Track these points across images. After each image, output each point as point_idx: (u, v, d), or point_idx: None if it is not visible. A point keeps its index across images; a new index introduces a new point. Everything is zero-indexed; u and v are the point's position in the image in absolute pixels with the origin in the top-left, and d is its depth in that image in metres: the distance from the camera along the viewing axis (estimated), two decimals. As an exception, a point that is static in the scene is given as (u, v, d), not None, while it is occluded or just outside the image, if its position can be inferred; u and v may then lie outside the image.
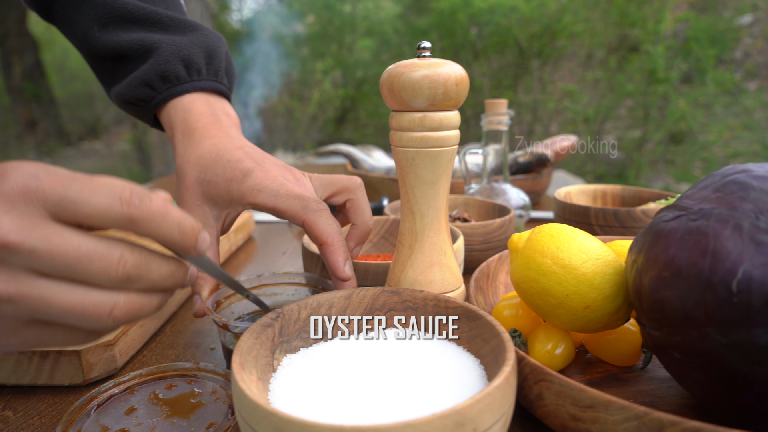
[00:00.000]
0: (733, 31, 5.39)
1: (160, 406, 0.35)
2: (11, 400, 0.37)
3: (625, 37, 5.09)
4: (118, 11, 0.46)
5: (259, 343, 0.32)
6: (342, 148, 1.04)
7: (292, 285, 0.45)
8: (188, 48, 0.47)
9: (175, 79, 0.46)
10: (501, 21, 4.93)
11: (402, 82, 0.34)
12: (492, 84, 5.41)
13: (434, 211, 0.38)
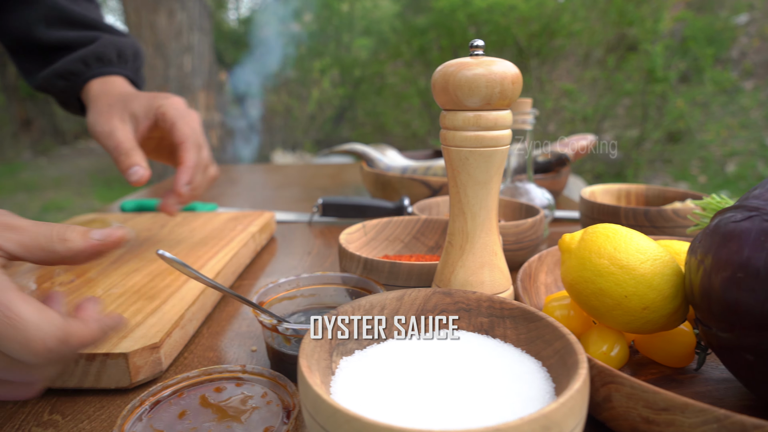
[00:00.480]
0: (729, 30, 5.42)
1: (212, 410, 0.35)
2: (57, 403, 0.36)
3: (623, 36, 5.10)
4: (66, 15, 0.61)
5: (319, 345, 0.32)
6: (357, 148, 1.04)
7: (332, 286, 0.45)
8: (121, 44, 0.62)
9: (108, 62, 0.60)
10: (500, 20, 4.93)
11: (458, 81, 0.34)
12: (491, 83, 5.41)
13: (486, 212, 0.37)
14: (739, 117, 4.95)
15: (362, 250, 0.53)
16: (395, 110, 6.45)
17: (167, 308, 0.43)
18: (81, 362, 0.36)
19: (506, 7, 4.80)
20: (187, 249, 0.59)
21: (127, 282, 0.49)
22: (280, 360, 0.40)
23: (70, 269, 0.53)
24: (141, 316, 0.42)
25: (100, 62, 0.60)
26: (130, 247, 0.60)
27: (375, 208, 0.80)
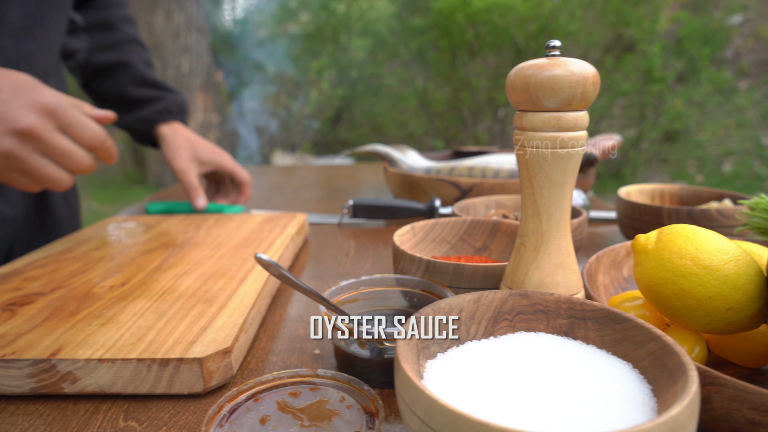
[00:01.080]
0: (724, 30, 5.46)
1: (293, 415, 0.34)
2: (129, 409, 0.36)
3: (620, 36, 5.13)
4: (146, 80, 0.88)
5: (409, 348, 0.31)
6: (379, 149, 1.03)
7: (392, 288, 0.45)
8: (180, 100, 0.90)
9: (172, 114, 0.88)
10: (498, 21, 4.94)
11: (540, 81, 0.34)
12: (489, 84, 5.43)
13: (561, 213, 0.37)
14: (735, 117, 4.99)
15: (412, 252, 0.53)
16: (392, 111, 6.45)
17: (229, 312, 0.42)
18: (154, 368, 0.36)
19: (504, 7, 4.82)
20: (231, 251, 0.58)
21: (179, 286, 0.48)
22: (351, 364, 0.39)
23: (119, 271, 0.52)
24: (205, 320, 0.41)
25: (168, 114, 0.87)
26: (173, 249, 0.59)
27: (406, 209, 0.80)
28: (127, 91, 0.87)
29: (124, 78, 0.87)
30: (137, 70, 0.87)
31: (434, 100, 5.85)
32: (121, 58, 0.87)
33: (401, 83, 6.33)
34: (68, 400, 0.37)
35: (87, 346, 0.37)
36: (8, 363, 0.36)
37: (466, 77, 5.57)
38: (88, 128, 0.52)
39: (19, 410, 0.36)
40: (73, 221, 0.87)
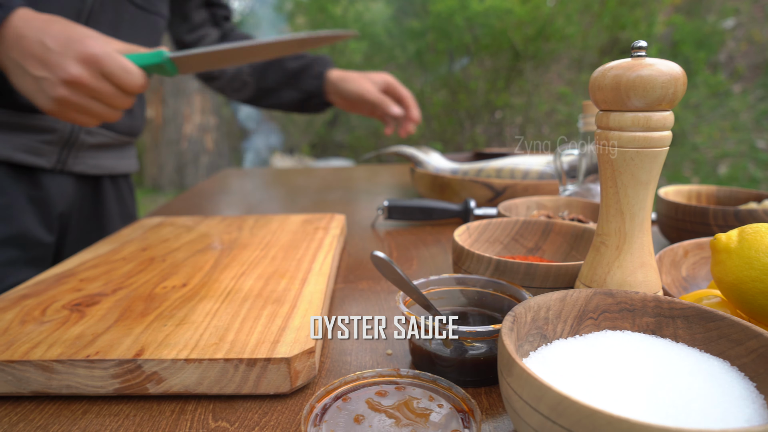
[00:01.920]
0: (717, 34, 5.53)
1: (386, 414, 0.34)
2: (216, 410, 0.36)
3: (616, 40, 5.17)
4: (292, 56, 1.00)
5: (513, 347, 0.31)
6: (405, 150, 1.04)
7: (460, 287, 0.45)
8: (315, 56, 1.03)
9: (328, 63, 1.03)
10: (495, 24, 4.97)
11: (632, 81, 0.34)
12: (487, 87, 5.45)
13: (644, 212, 0.37)
14: (729, 119, 5.04)
15: (469, 252, 0.53)
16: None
17: (302, 312, 0.42)
18: (241, 368, 0.36)
19: (502, 10, 4.84)
20: (282, 251, 0.58)
21: (242, 286, 0.48)
22: (433, 363, 0.39)
23: (176, 272, 0.52)
24: (280, 320, 0.41)
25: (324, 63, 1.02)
26: (222, 250, 0.59)
27: (441, 210, 0.80)
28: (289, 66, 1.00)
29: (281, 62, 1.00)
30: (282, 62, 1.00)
31: (432, 103, 5.87)
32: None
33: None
34: (152, 401, 0.37)
35: (169, 346, 0.37)
36: (93, 363, 0.36)
37: (463, 80, 5.59)
38: (129, 74, 0.56)
39: (104, 411, 0.36)
40: (124, 219, 0.89)
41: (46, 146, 0.72)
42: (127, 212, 0.92)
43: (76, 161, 0.77)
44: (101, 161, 0.83)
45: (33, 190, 0.73)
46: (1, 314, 0.43)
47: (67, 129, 0.73)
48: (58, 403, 0.37)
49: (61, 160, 0.75)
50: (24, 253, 0.72)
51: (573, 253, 0.54)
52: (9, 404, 0.37)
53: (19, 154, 0.70)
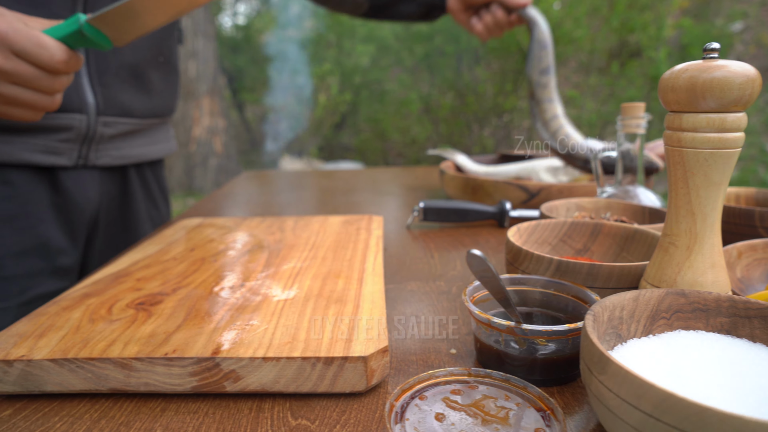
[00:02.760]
0: (726, 37, 5.52)
1: (466, 412, 0.34)
2: (293, 408, 0.36)
3: (625, 43, 5.17)
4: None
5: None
6: (449, 153, 1.05)
7: (522, 288, 0.45)
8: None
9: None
10: (504, 27, 4.97)
11: (708, 82, 0.34)
12: (495, 89, 5.45)
13: (716, 213, 0.37)
14: (738, 123, 5.03)
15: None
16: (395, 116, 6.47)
17: (367, 312, 0.43)
18: (318, 366, 0.36)
19: (511, 14, 4.85)
20: (330, 252, 0.58)
21: (300, 287, 0.49)
22: (501, 362, 0.39)
23: (230, 272, 0.52)
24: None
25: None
26: (270, 250, 0.60)
27: (476, 212, 0.81)
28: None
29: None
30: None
31: (439, 106, 5.88)
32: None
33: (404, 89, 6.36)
34: (228, 399, 0.37)
35: (243, 345, 0.37)
36: (172, 361, 0.36)
37: (471, 83, 5.59)
38: (45, 49, 0.49)
39: (182, 408, 0.36)
40: (154, 220, 0.87)
41: (64, 144, 0.69)
42: (157, 214, 0.89)
43: (99, 155, 0.74)
44: (127, 151, 0.79)
45: (55, 196, 0.70)
46: (69, 313, 0.44)
47: (83, 125, 0.69)
48: (135, 401, 0.37)
49: (83, 156, 0.72)
50: (47, 263, 0.70)
51: (623, 254, 0.54)
52: (87, 401, 0.37)
53: (37, 155, 0.67)
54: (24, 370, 0.37)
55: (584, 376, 0.32)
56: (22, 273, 0.67)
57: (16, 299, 0.66)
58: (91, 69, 0.70)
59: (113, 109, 0.73)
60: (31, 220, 0.68)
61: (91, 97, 0.70)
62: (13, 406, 0.37)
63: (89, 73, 0.70)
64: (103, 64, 0.71)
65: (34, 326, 0.41)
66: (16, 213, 0.66)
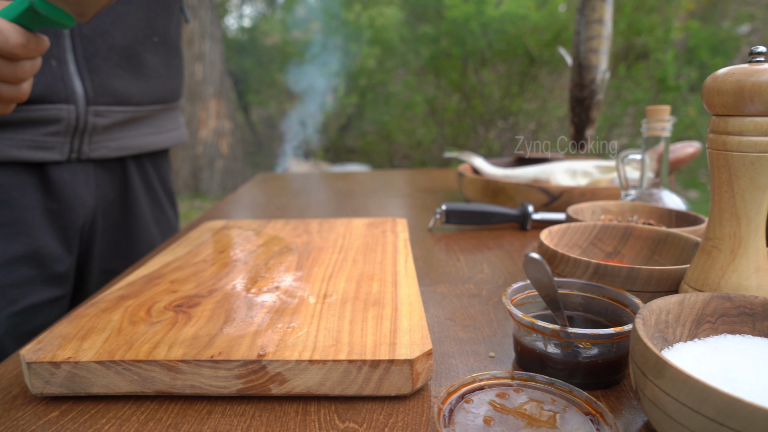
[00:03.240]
0: (733, 40, 5.51)
1: (515, 416, 0.34)
2: (339, 411, 0.36)
3: (631, 45, 5.17)
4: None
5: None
6: (467, 156, 1.05)
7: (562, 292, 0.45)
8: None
9: None
10: (510, 29, 4.98)
11: (757, 86, 0.34)
12: (501, 92, 5.45)
13: (760, 216, 0.37)
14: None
15: (553, 256, 0.53)
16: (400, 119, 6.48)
17: (406, 315, 0.43)
18: (364, 369, 0.36)
19: (518, 16, 4.85)
20: (360, 255, 0.59)
21: (335, 288, 0.49)
22: (543, 365, 0.39)
23: (263, 274, 0.53)
24: (388, 323, 0.41)
25: None
26: (300, 253, 0.60)
27: (499, 215, 0.81)
28: None
29: None
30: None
31: (445, 108, 5.88)
32: None
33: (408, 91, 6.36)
34: (273, 402, 0.37)
35: (288, 347, 0.38)
36: (218, 364, 0.36)
37: (478, 85, 5.60)
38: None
39: (228, 411, 0.36)
40: (161, 225, 0.84)
41: (53, 138, 0.64)
42: (164, 218, 0.84)
43: (94, 147, 0.68)
44: (127, 141, 0.73)
45: (47, 200, 0.66)
46: (108, 315, 0.44)
47: (72, 116, 0.64)
48: (180, 403, 0.37)
49: (75, 149, 0.66)
50: (41, 271, 0.66)
51: (655, 257, 0.54)
52: (132, 403, 0.37)
53: (25, 151, 0.62)
54: (71, 371, 0.37)
55: (636, 379, 0.32)
56: (12, 282, 0.63)
57: (5, 310, 0.63)
58: (78, 54, 0.64)
59: (105, 97, 0.67)
60: (22, 226, 0.64)
61: (79, 85, 0.64)
62: (59, 407, 0.37)
63: (76, 59, 0.64)
64: (90, 48, 0.65)
65: (76, 328, 0.42)
66: (5, 218, 0.63)
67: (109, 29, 0.66)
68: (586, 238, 0.57)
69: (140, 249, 0.79)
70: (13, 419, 0.36)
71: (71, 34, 0.63)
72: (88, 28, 0.64)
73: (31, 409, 0.37)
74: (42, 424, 0.35)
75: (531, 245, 0.74)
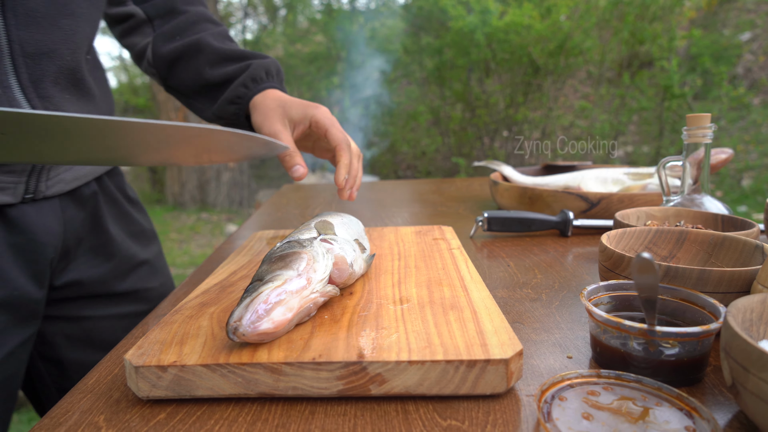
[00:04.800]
0: (735, 47, 5.56)
1: (611, 412, 0.36)
2: (438, 409, 0.37)
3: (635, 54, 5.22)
4: (223, 55, 0.71)
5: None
6: (494, 164, 1.07)
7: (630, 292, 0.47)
8: (267, 64, 0.71)
9: (261, 80, 0.70)
10: (515, 39, 5.03)
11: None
12: (506, 101, 5.49)
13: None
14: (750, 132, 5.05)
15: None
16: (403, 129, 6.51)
17: (486, 317, 0.44)
18: (461, 369, 0.37)
19: (522, 26, 4.90)
20: (421, 261, 0.60)
21: (408, 294, 0.50)
22: (626, 364, 0.41)
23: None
24: (472, 325, 0.43)
25: (255, 82, 0.70)
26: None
27: (540, 221, 0.82)
28: (206, 75, 0.70)
29: (199, 61, 0.71)
30: (213, 48, 0.71)
31: (449, 118, 5.92)
32: (191, 41, 0.72)
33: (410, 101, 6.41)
34: (372, 402, 0.39)
35: (384, 349, 0.39)
36: (320, 366, 0.38)
37: (482, 95, 5.64)
38: None
39: (329, 411, 0.38)
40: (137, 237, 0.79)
41: (7, 177, 0.58)
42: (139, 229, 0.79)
43: (51, 183, 0.63)
44: (79, 170, 0.68)
45: (10, 236, 0.60)
46: (195, 321, 0.45)
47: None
48: (281, 404, 0.39)
49: (31, 190, 0.61)
50: (14, 314, 0.61)
51: (712, 260, 0.56)
52: (234, 405, 0.39)
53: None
54: (177, 375, 0.38)
55: (735, 375, 0.33)
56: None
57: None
58: (22, 77, 0.56)
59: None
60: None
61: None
62: (165, 410, 0.39)
63: (20, 84, 0.56)
64: (37, 71, 0.57)
65: (170, 334, 0.43)
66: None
67: (57, 48, 0.59)
68: (642, 243, 0.59)
69: (128, 267, 0.76)
70: (123, 422, 0.37)
71: (11, 53, 0.55)
72: (32, 47, 0.56)
73: (137, 411, 0.39)
74: (153, 425, 0.37)
75: (574, 251, 0.76)
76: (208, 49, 0.71)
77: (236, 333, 0.38)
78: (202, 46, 0.71)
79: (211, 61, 0.71)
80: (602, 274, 0.54)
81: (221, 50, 0.72)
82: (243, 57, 0.72)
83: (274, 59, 0.73)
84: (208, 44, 0.71)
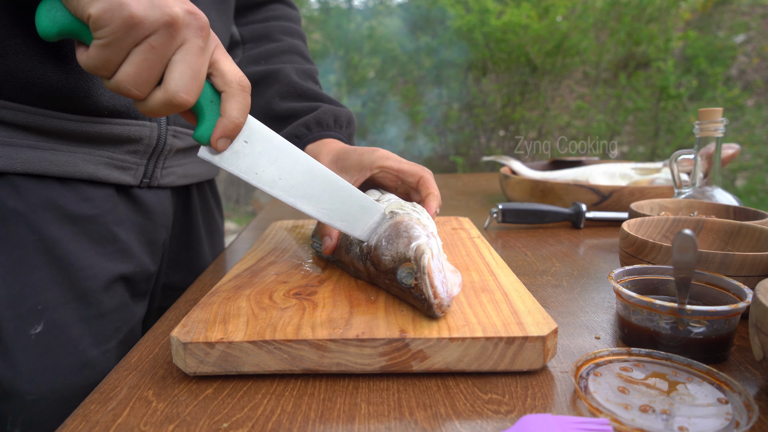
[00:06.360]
0: (729, 49, 5.62)
1: (646, 386, 0.37)
2: (477, 385, 0.39)
3: (632, 55, 5.25)
4: (297, 90, 0.71)
5: None
6: (503, 158, 1.09)
7: (657, 277, 0.48)
8: (338, 112, 0.69)
9: (326, 126, 0.68)
10: (512, 39, 5.05)
11: None
12: (503, 101, 5.52)
13: None
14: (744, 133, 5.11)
15: (634, 247, 0.56)
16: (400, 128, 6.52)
17: (518, 299, 0.46)
18: (500, 345, 0.39)
19: (520, 26, 4.93)
20: (446, 248, 0.61)
21: (437, 278, 0.51)
22: (655, 342, 0.42)
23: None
24: (506, 306, 0.44)
25: (319, 126, 0.67)
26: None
27: (554, 213, 0.84)
28: (273, 105, 0.71)
29: (272, 90, 0.72)
30: (290, 81, 0.71)
31: (446, 117, 5.94)
32: (272, 69, 0.73)
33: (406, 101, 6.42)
34: (413, 378, 0.40)
35: (424, 327, 0.40)
36: (364, 342, 0.39)
37: (480, 94, 5.66)
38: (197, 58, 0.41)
39: (372, 386, 0.39)
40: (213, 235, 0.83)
41: (131, 157, 0.61)
42: (215, 228, 0.84)
43: (165, 172, 0.66)
44: (190, 169, 0.72)
45: (135, 216, 0.64)
46: (234, 302, 0.47)
47: (154, 134, 0.61)
48: (325, 380, 0.40)
49: (148, 174, 0.64)
50: (135, 290, 0.64)
51: (729, 248, 0.57)
52: (278, 381, 0.40)
53: (101, 169, 0.58)
54: (224, 351, 0.39)
55: (767, 350, 0.35)
56: (115, 306, 0.60)
57: (115, 338, 0.59)
58: None
59: (181, 117, 0.63)
60: (119, 244, 0.61)
61: None
62: (211, 385, 0.40)
63: None
64: None
65: (210, 313, 0.44)
66: (99, 235, 0.59)
67: None
68: (659, 231, 0.61)
69: (197, 263, 0.78)
70: (172, 396, 0.39)
71: None
72: None
73: (185, 387, 0.40)
74: (202, 399, 0.38)
75: (587, 242, 0.78)
76: (285, 81, 0.72)
77: (441, 308, 0.41)
78: (280, 77, 0.72)
79: (283, 93, 0.71)
80: (623, 260, 0.56)
81: (297, 85, 0.72)
82: (316, 98, 0.71)
83: (348, 109, 0.71)
84: (286, 76, 0.72)
